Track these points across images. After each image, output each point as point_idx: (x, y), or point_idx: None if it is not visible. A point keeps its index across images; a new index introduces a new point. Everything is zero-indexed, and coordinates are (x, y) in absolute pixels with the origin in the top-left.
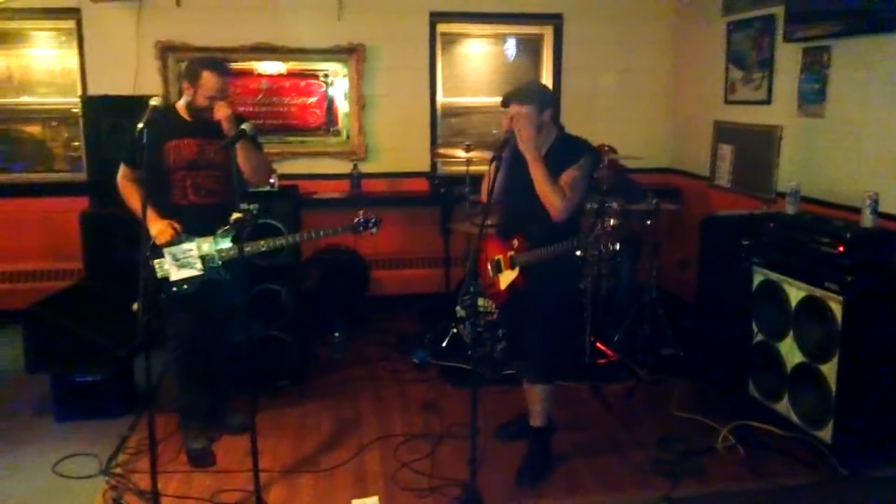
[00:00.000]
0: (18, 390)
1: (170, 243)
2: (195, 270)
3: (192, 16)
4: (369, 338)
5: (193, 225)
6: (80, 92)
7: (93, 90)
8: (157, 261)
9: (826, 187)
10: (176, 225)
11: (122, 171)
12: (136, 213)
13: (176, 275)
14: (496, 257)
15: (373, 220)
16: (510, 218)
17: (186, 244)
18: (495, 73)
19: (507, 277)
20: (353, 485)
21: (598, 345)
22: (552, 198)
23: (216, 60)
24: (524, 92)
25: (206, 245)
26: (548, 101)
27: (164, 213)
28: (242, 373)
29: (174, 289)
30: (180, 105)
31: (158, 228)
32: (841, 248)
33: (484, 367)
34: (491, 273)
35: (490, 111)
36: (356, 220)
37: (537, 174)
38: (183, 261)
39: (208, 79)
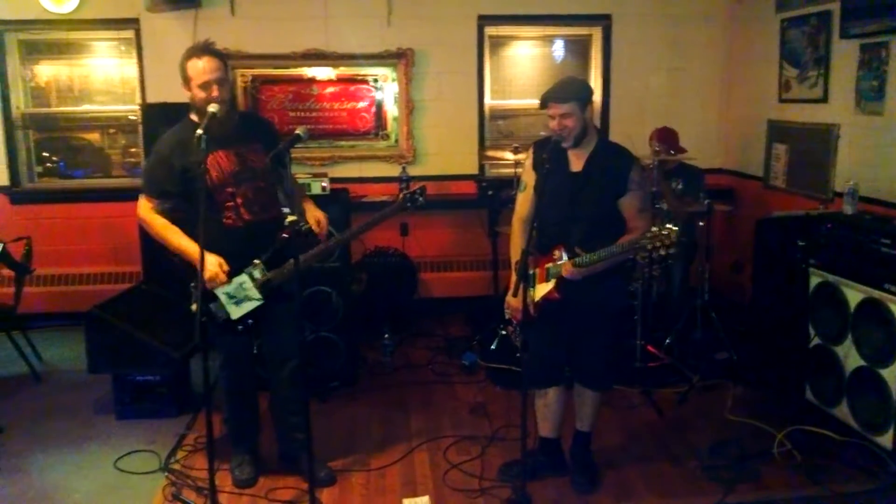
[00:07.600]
0: (81, 390)
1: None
2: (255, 301)
3: (246, 24)
4: (417, 340)
5: (250, 246)
6: (138, 100)
7: (151, 98)
8: (211, 305)
9: (886, 186)
10: (224, 264)
11: (145, 204)
12: (177, 250)
13: (237, 313)
14: (531, 271)
15: (418, 191)
16: (549, 227)
17: (239, 278)
18: (543, 74)
19: (539, 291)
20: (403, 485)
21: (650, 348)
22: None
23: (195, 45)
24: (565, 90)
25: (258, 271)
26: (588, 98)
27: (213, 241)
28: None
29: (239, 327)
30: (195, 118)
31: (208, 272)
32: None
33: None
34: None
35: (538, 113)
36: (402, 196)
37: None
38: (240, 297)
39: (193, 67)
